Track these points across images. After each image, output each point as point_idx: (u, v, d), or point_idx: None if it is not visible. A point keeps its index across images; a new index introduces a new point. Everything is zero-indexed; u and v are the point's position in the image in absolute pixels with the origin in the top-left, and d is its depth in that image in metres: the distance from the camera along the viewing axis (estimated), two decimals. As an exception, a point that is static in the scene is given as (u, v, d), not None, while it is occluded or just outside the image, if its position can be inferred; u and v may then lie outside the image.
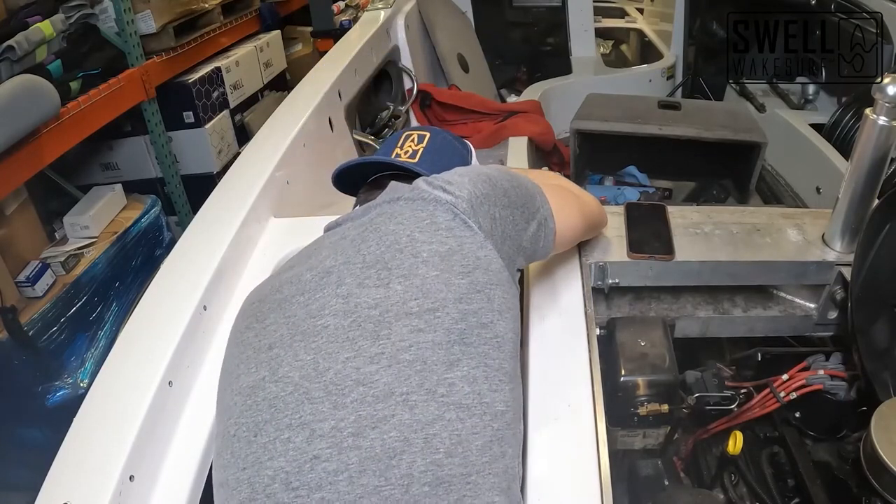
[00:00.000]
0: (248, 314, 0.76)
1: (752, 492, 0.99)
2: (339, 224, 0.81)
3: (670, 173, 2.22)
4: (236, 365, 0.71)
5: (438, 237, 0.71)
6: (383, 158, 0.86)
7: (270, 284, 0.77)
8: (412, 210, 0.73)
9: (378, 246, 0.71)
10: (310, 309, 0.70)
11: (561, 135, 2.35)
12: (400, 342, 0.65)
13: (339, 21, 3.52)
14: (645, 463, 1.08)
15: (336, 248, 0.74)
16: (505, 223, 0.76)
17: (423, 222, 0.72)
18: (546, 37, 3.26)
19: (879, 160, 0.95)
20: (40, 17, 1.93)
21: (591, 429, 0.77)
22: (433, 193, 0.74)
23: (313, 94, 1.61)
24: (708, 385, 1.03)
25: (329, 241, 0.77)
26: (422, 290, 0.67)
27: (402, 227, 0.72)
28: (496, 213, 0.75)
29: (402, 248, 0.70)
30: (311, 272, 0.73)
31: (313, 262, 0.74)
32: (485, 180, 0.77)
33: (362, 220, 0.76)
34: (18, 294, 1.89)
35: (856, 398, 0.95)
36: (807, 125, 2.08)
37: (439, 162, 0.86)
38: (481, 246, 0.72)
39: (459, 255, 0.70)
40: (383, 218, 0.74)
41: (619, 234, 1.10)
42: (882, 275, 0.95)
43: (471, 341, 0.66)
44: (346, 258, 0.72)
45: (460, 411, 0.63)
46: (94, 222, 2.16)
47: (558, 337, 0.90)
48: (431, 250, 0.70)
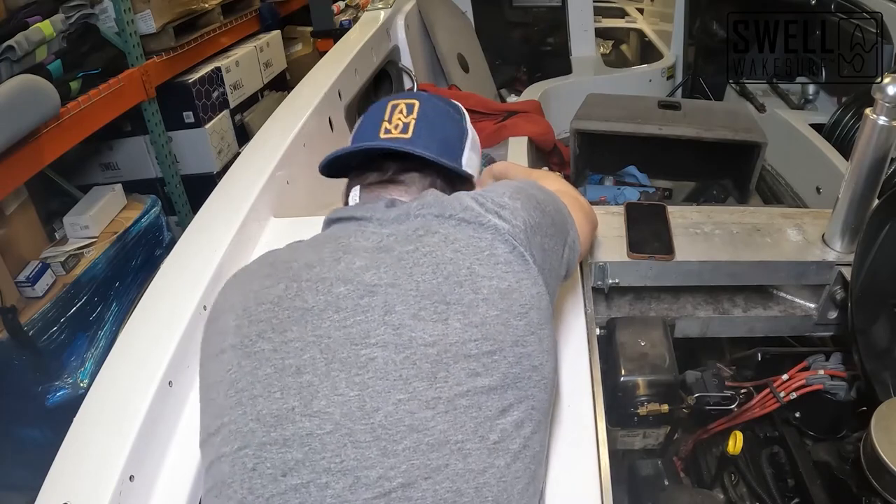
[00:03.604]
0: (255, 316, 0.67)
1: (752, 492, 0.99)
2: (357, 220, 0.74)
3: (670, 173, 2.21)
4: (250, 383, 0.63)
5: (498, 272, 0.67)
6: (376, 145, 0.78)
7: (282, 283, 0.69)
8: (469, 237, 0.68)
9: (435, 275, 0.65)
10: (349, 333, 0.63)
11: (561, 135, 2.35)
12: (457, 386, 0.61)
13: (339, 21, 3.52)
14: (645, 463, 1.08)
15: (377, 262, 0.67)
16: (551, 254, 0.74)
17: (483, 253, 0.67)
18: (546, 37, 3.25)
19: (879, 160, 0.95)
20: (40, 17, 1.93)
21: (591, 429, 0.77)
22: (490, 220, 0.69)
23: (313, 94, 1.61)
24: (708, 385, 1.03)
25: (358, 243, 0.70)
26: (481, 330, 0.63)
27: (461, 257, 0.67)
28: (546, 245, 0.73)
29: (461, 282, 0.65)
30: (345, 285, 0.66)
31: (342, 269, 0.67)
32: (535, 206, 0.74)
33: (406, 234, 0.70)
34: (18, 294, 1.89)
35: (856, 398, 0.95)
36: (807, 125, 2.08)
37: (434, 133, 0.80)
38: (535, 282, 0.69)
39: (517, 295, 0.67)
40: (436, 240, 0.68)
41: (619, 234, 1.10)
42: (882, 275, 0.95)
43: (522, 385, 0.64)
44: (394, 279, 0.65)
45: (508, 457, 0.61)
46: (94, 222, 2.16)
47: (558, 337, 0.89)
48: (492, 287, 0.66)
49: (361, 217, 0.74)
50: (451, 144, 0.81)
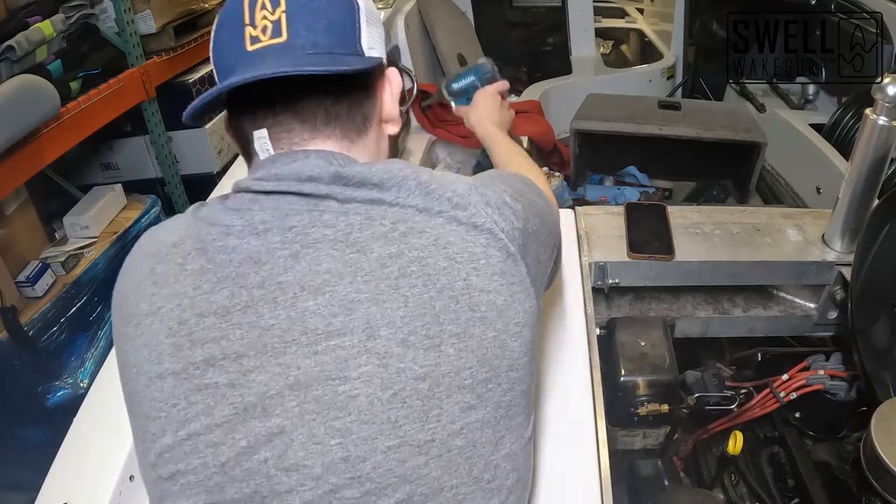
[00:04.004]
0: (197, 334, 0.53)
1: (752, 492, 0.99)
2: (302, 196, 0.56)
3: (670, 173, 2.21)
4: (206, 426, 0.52)
5: (494, 284, 0.57)
6: (253, 77, 0.55)
7: (225, 287, 0.54)
8: (463, 240, 0.57)
9: (426, 288, 0.54)
10: (323, 363, 0.52)
11: (561, 135, 2.35)
12: (451, 425, 0.53)
13: (339, 21, 3.52)
14: (645, 463, 1.08)
15: (351, 266, 0.54)
16: (543, 267, 0.66)
17: (479, 261, 0.57)
18: (546, 37, 3.25)
19: (879, 160, 0.95)
20: (40, 17, 1.93)
21: (591, 429, 0.77)
22: (486, 220, 0.58)
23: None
24: (708, 385, 1.03)
25: (318, 232, 0.55)
26: (477, 355, 0.55)
27: (455, 266, 0.55)
28: (541, 255, 0.64)
29: (457, 297, 0.55)
30: (314, 298, 0.53)
31: (304, 272, 0.54)
32: (536, 213, 0.65)
33: (382, 228, 0.55)
34: (18, 294, 1.89)
35: (856, 398, 0.95)
36: (807, 125, 2.08)
37: (317, 21, 0.59)
38: (528, 296, 0.60)
39: (513, 311, 0.58)
40: (425, 242, 0.55)
41: (619, 234, 1.10)
42: (882, 275, 0.95)
43: (513, 413, 0.58)
44: (377, 293, 0.53)
45: (502, 495, 0.57)
46: (94, 222, 2.16)
47: (558, 337, 0.89)
48: (489, 302, 0.56)
49: (310, 193, 0.56)
50: (342, 29, 0.61)
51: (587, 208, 1.18)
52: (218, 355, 0.52)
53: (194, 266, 0.55)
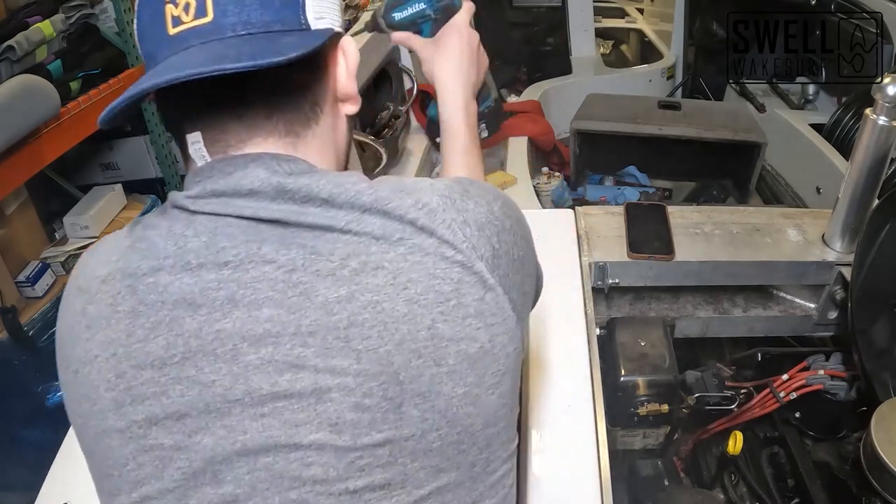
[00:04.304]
0: (136, 389, 0.47)
1: (752, 492, 0.99)
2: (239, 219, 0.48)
3: (670, 173, 2.21)
4: (159, 491, 0.48)
5: (468, 330, 0.49)
6: (177, 77, 0.45)
7: (160, 335, 0.47)
8: (429, 276, 0.48)
9: (382, 341, 0.46)
10: (269, 426, 0.46)
11: (561, 135, 2.35)
12: (417, 490, 0.48)
13: (339, 21, 3.52)
14: (645, 463, 1.08)
15: (295, 313, 0.46)
16: (527, 301, 0.57)
17: (449, 303, 0.48)
18: (546, 37, 3.25)
19: (879, 160, 0.95)
20: (40, 17, 1.93)
21: (591, 429, 0.77)
22: (465, 244, 0.49)
23: (313, 94, 1.61)
24: (708, 385, 1.03)
25: (257, 270, 0.47)
26: (446, 416, 0.48)
27: (418, 311, 0.47)
28: (526, 286, 0.56)
29: (419, 351, 0.47)
30: (256, 351, 0.46)
31: (244, 320, 0.46)
32: (525, 236, 0.57)
33: (330, 265, 0.47)
34: (18, 294, 1.89)
35: (856, 398, 0.95)
36: (807, 125, 2.08)
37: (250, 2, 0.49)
38: (513, 337, 0.52)
39: (491, 359, 0.50)
40: (381, 281, 0.47)
41: (619, 234, 1.10)
42: (882, 275, 0.95)
43: (493, 468, 0.52)
44: (324, 348, 0.46)
45: None
46: (94, 222, 2.16)
47: (558, 337, 0.89)
48: (459, 353, 0.48)
49: (250, 216, 0.48)
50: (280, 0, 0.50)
51: (587, 208, 1.18)
52: (160, 414, 0.47)
53: (125, 307, 0.48)
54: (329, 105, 0.57)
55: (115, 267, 0.50)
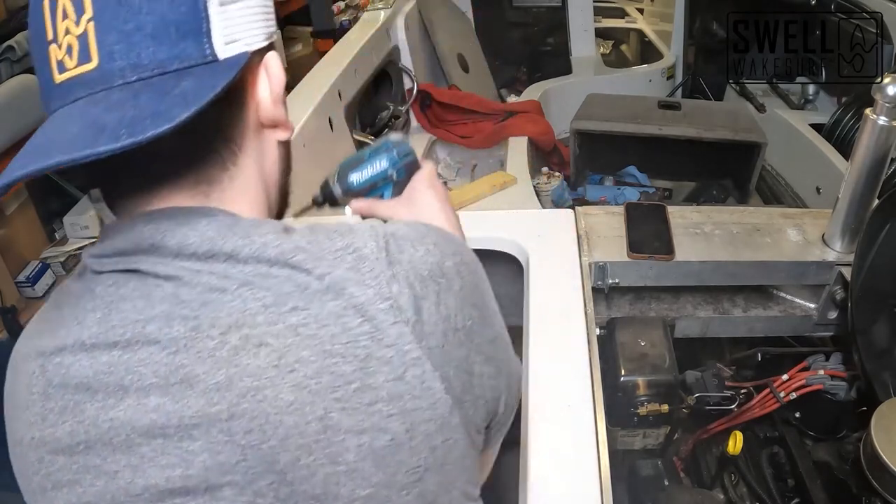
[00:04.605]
0: (55, 476, 0.45)
1: (752, 492, 0.99)
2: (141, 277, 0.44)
3: (670, 173, 2.22)
4: None
5: (374, 419, 0.41)
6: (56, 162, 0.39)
7: (66, 421, 0.44)
8: (326, 353, 0.40)
9: (263, 436, 0.40)
10: None
11: (561, 135, 2.35)
12: None
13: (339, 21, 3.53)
14: (645, 463, 1.08)
15: (171, 398, 0.41)
16: (476, 385, 0.46)
17: (349, 387, 0.40)
18: (546, 37, 3.25)
19: (879, 160, 0.95)
20: (40, 17, 1.93)
21: (591, 429, 0.77)
22: (366, 318, 0.41)
23: (313, 94, 1.61)
24: (708, 385, 1.03)
25: (134, 354, 0.42)
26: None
27: (307, 398, 0.40)
28: (477, 368, 0.46)
29: (309, 447, 0.40)
30: (147, 443, 0.42)
31: (131, 407, 0.42)
32: (474, 305, 0.47)
33: (210, 344, 0.41)
34: (18, 294, 1.90)
35: (856, 398, 0.95)
36: (807, 125, 2.08)
37: (138, 28, 0.41)
38: (443, 426, 0.43)
39: (406, 452, 0.42)
40: (263, 362, 0.40)
41: (619, 234, 1.10)
42: (882, 275, 0.95)
43: None
44: (208, 443, 0.41)
45: None
46: (94, 222, 2.16)
47: (558, 337, 0.89)
48: (361, 449, 0.41)
49: (145, 271, 0.44)
50: (178, 26, 0.42)
51: (587, 208, 1.18)
52: (75, 503, 0.44)
53: (38, 389, 0.45)
54: (251, 137, 0.49)
55: (30, 345, 0.47)
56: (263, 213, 0.52)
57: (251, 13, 0.47)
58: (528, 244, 1.05)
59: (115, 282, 0.45)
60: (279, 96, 0.50)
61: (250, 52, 0.46)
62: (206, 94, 0.40)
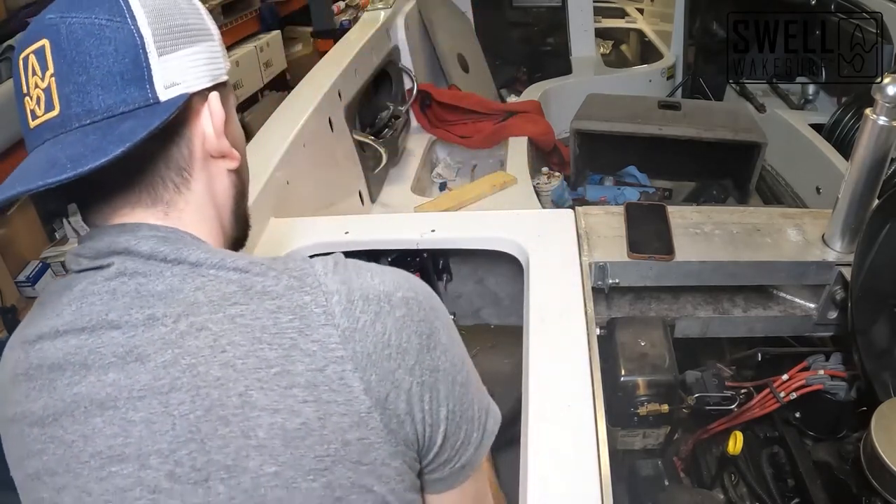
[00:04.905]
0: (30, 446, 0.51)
1: (752, 492, 0.99)
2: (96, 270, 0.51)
3: (670, 173, 2.22)
4: None
5: (289, 402, 0.45)
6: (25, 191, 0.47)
7: (42, 396, 0.50)
8: (253, 340, 0.46)
9: (193, 405, 0.45)
10: (106, 490, 0.47)
11: (561, 135, 2.35)
12: None
13: (339, 21, 3.53)
14: (645, 463, 1.08)
15: (130, 378, 0.47)
16: (404, 398, 0.50)
17: (271, 370, 0.46)
18: (546, 37, 3.26)
19: (879, 160, 0.95)
20: (40, 17, 1.93)
21: (591, 429, 0.77)
22: (296, 317, 0.47)
23: (313, 94, 1.61)
24: (708, 385, 1.03)
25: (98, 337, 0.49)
26: (253, 497, 0.45)
27: (232, 375, 0.45)
28: (406, 385, 0.49)
29: (227, 418, 0.45)
30: (100, 415, 0.48)
31: (91, 383, 0.48)
32: (418, 334, 0.51)
33: (162, 331, 0.48)
34: (18, 294, 1.90)
35: (856, 398, 0.95)
36: (807, 125, 2.08)
37: (90, 80, 0.49)
38: (358, 423, 0.47)
39: (315, 438, 0.46)
40: (202, 342, 0.47)
41: (619, 234, 1.10)
42: (882, 275, 0.95)
43: None
44: (148, 414, 0.46)
45: None
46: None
47: (558, 337, 0.89)
48: (273, 427, 0.45)
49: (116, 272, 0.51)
50: (122, 75, 0.49)
51: (587, 208, 1.18)
52: (41, 469, 0.50)
53: (21, 371, 0.52)
54: (199, 166, 0.56)
55: (18, 336, 0.55)
56: (218, 233, 0.58)
57: (192, 61, 0.53)
58: (528, 244, 1.05)
59: (89, 278, 0.52)
60: (220, 130, 0.56)
61: (190, 94, 0.53)
62: (140, 133, 0.47)
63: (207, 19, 0.57)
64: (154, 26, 0.51)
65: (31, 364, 0.51)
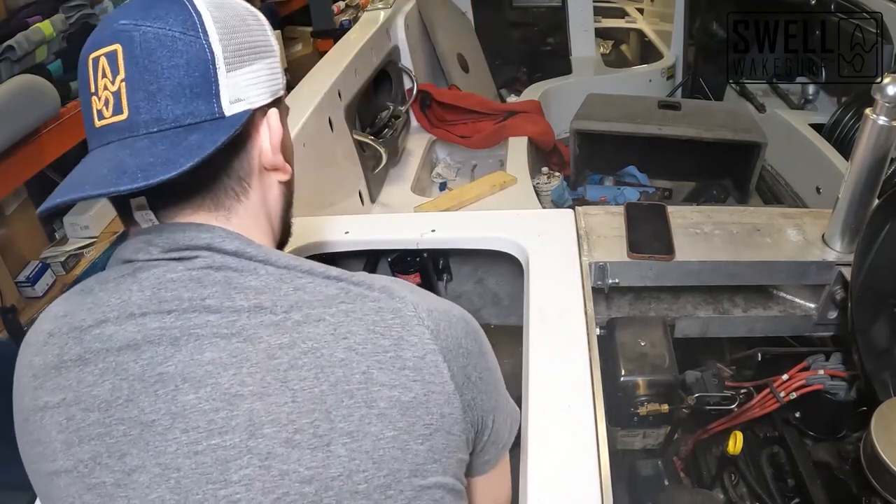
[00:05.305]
0: (84, 430, 0.51)
1: (752, 492, 0.99)
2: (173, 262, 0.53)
3: (670, 173, 2.22)
4: None
5: (403, 380, 0.53)
6: (90, 194, 0.50)
7: (107, 379, 0.51)
8: (368, 330, 0.53)
9: (318, 381, 0.50)
10: (203, 464, 0.49)
11: (561, 135, 2.35)
12: None
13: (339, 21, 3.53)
14: (645, 463, 1.08)
15: (237, 356, 0.50)
16: (473, 390, 0.59)
17: (386, 354, 0.53)
18: (546, 37, 3.26)
19: (879, 160, 0.95)
20: (40, 17, 1.93)
21: (591, 429, 0.77)
22: (398, 316, 0.55)
23: (313, 94, 1.61)
24: (708, 385, 1.03)
25: (201, 318, 0.51)
26: (372, 457, 0.50)
27: (355, 358, 0.52)
28: (472, 376, 0.58)
29: (352, 392, 0.51)
30: (195, 391, 0.49)
31: (185, 362, 0.50)
32: (476, 338, 0.61)
33: (274, 318, 0.52)
34: (18, 294, 1.90)
35: (856, 398, 0.95)
36: (807, 125, 2.08)
37: (161, 88, 0.52)
38: (448, 401, 0.55)
39: (423, 411, 0.53)
40: (321, 331, 0.52)
41: (619, 234, 1.10)
42: (882, 275, 0.95)
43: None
44: (263, 387, 0.50)
45: None
46: (94, 222, 2.16)
47: (558, 337, 0.89)
48: (392, 399, 0.52)
49: (199, 266, 0.53)
50: (192, 88, 0.52)
51: (587, 208, 1.18)
52: (103, 453, 0.50)
53: (71, 356, 0.52)
54: (256, 177, 0.59)
55: (61, 322, 0.54)
56: (269, 238, 0.63)
57: (255, 77, 0.57)
58: (528, 244, 1.05)
59: (164, 267, 0.53)
60: (277, 146, 0.60)
61: (253, 110, 0.56)
62: (209, 147, 0.51)
63: (270, 34, 0.61)
64: (225, 43, 0.54)
65: (88, 349, 0.52)
